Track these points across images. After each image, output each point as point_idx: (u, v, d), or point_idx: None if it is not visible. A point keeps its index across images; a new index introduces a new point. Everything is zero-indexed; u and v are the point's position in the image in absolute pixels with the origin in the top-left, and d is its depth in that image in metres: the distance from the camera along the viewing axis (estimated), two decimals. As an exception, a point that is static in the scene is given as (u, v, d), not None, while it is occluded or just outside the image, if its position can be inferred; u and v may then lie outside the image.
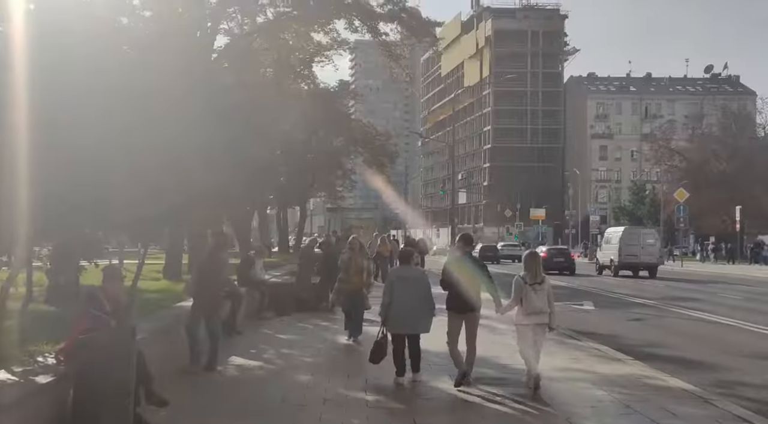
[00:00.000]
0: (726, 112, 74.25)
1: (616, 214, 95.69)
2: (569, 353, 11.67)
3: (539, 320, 8.82)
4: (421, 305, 8.84)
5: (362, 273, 12.20)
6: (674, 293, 26.36)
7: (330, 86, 48.39)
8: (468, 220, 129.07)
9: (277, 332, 13.03)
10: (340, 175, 52.34)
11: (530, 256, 9.17)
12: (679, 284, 31.23)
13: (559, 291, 27.03)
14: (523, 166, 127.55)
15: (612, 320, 17.61)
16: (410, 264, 9.67)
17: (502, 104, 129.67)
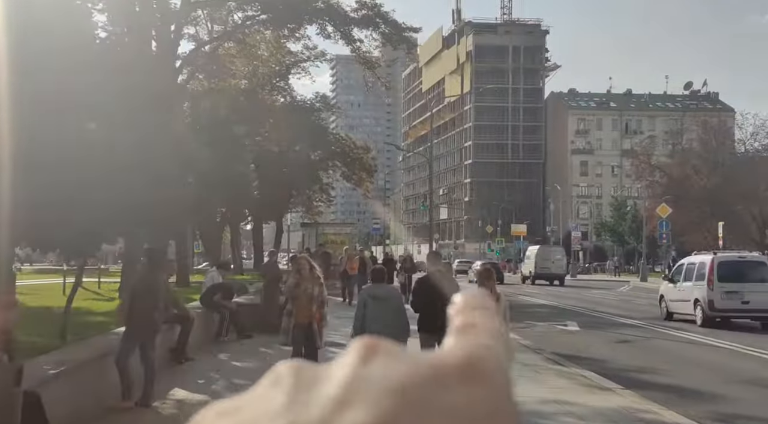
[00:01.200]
0: (706, 128, 73.96)
1: (597, 229, 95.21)
2: (554, 382, 10.58)
3: None
4: (395, 326, 8.27)
5: (313, 304, 9.10)
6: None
7: (307, 99, 47.35)
8: (449, 235, 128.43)
9: (234, 358, 11.83)
10: (317, 190, 51.28)
11: (484, 273, 8.90)
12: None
13: (542, 311, 26.15)
14: (504, 182, 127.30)
15: (598, 342, 16.56)
16: (383, 282, 9.20)
17: (482, 120, 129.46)
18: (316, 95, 47.18)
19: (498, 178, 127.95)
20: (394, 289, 10.02)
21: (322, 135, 47.89)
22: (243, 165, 35.20)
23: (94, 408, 7.74)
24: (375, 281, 9.25)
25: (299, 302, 9.06)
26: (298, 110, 45.68)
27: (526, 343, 15.13)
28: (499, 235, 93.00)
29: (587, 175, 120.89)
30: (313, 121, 47.80)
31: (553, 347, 15.25)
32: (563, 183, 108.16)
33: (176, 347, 11.08)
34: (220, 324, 13.75)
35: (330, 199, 54.68)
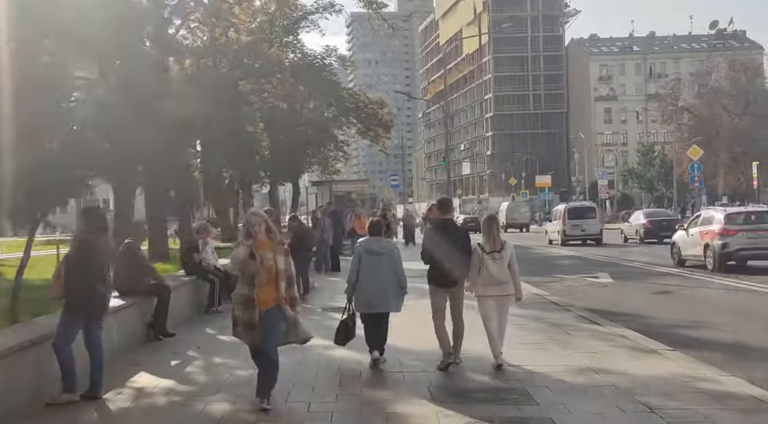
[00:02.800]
0: (734, 66, 71.01)
1: (624, 177, 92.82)
2: (589, 345, 9.07)
3: (500, 292, 7.98)
4: (391, 282, 8.03)
5: (277, 281, 6.30)
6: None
7: (317, 53, 45.48)
8: (473, 190, 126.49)
9: (222, 332, 10.39)
10: (333, 148, 49.71)
11: (487, 221, 8.25)
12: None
13: (569, 263, 24.56)
14: (527, 133, 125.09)
15: (635, 295, 15.00)
16: (380, 235, 8.50)
17: (502, 71, 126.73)
18: (327, 49, 45.21)
19: (520, 130, 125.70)
20: (391, 243, 8.82)
21: (335, 91, 46.10)
22: (251, 124, 33.66)
23: (28, 405, 6.38)
24: (372, 234, 8.48)
25: (259, 279, 6.20)
26: (309, 67, 43.92)
27: (554, 299, 13.62)
28: (523, 187, 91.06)
29: (611, 123, 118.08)
30: (325, 77, 46.00)
31: (585, 302, 13.74)
32: (587, 132, 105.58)
33: (153, 322, 9.71)
34: (211, 294, 12.36)
35: (346, 156, 53.08)
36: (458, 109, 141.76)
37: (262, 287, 6.25)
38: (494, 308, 7.99)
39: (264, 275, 6.21)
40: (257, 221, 6.34)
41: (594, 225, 34.31)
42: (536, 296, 14.07)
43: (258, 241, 6.27)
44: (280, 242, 6.46)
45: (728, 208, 21.87)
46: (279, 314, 6.34)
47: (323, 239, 19.02)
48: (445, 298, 8.08)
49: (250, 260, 6.21)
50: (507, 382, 7.26)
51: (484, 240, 8.00)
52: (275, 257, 6.28)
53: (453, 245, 7.99)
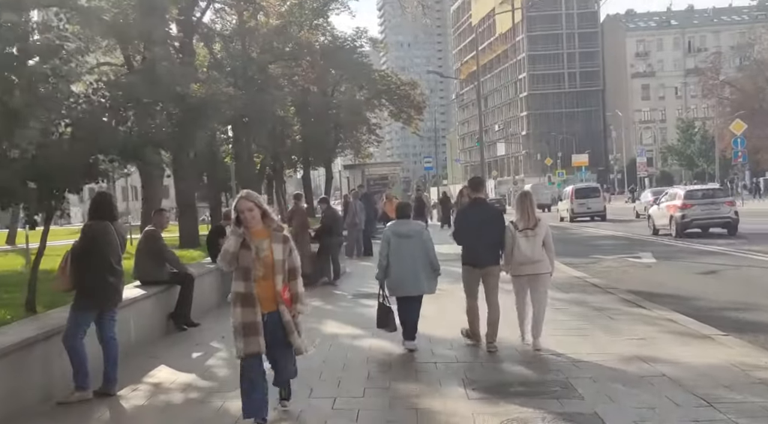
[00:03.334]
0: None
1: (663, 154, 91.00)
2: (635, 330, 8.49)
3: (534, 270, 7.68)
4: (423, 264, 7.77)
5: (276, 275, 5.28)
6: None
7: (347, 35, 44.90)
8: (508, 172, 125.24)
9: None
10: (365, 131, 49.24)
11: (520, 198, 7.93)
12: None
13: (609, 243, 23.80)
14: (563, 112, 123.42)
15: (680, 276, 14.31)
16: (408, 218, 8.25)
17: (536, 49, 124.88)
18: (357, 31, 44.60)
19: (555, 109, 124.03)
20: (420, 225, 8.34)
21: (366, 73, 45.58)
22: (282, 108, 33.30)
23: (38, 404, 6.05)
24: (400, 217, 8.20)
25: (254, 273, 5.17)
26: (339, 49, 43.43)
27: (595, 281, 13.01)
28: (559, 167, 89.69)
29: (649, 99, 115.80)
30: (356, 59, 45.47)
31: (627, 284, 13.12)
32: (624, 109, 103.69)
33: (176, 312, 9.36)
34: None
35: (378, 139, 52.55)
36: (492, 90, 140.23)
37: (259, 282, 5.18)
38: (527, 287, 7.78)
39: (261, 268, 5.17)
40: (248, 206, 5.17)
41: (598, 203, 37.42)
42: (576, 278, 13.48)
43: (251, 229, 5.20)
44: (278, 228, 5.35)
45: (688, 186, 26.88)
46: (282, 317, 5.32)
47: (354, 223, 18.63)
48: (477, 279, 7.85)
49: (243, 251, 5.15)
50: (547, 373, 6.74)
51: (517, 217, 7.73)
52: (271, 245, 5.22)
53: (486, 224, 7.78)
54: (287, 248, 5.34)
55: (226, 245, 5.21)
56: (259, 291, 5.18)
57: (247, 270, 5.16)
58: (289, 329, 5.30)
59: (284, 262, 5.28)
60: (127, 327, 7.65)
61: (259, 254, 5.17)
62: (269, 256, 5.19)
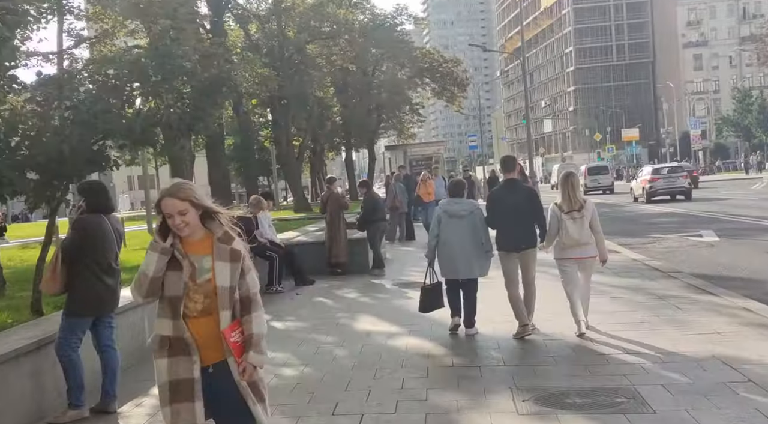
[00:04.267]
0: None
1: (718, 126, 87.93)
2: (707, 322, 7.49)
3: (582, 254, 7.40)
4: (474, 245, 7.50)
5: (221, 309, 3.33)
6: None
7: (387, 13, 43.83)
8: (555, 148, 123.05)
9: (275, 317, 9.29)
10: (407, 111, 48.27)
11: (564, 178, 7.54)
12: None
13: (667, 220, 22.48)
14: (611, 86, 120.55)
15: (748, 255, 13.12)
16: (461, 196, 7.92)
17: (583, 22, 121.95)
18: (397, 8, 43.47)
19: (604, 83, 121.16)
20: (473, 203, 7.96)
21: (407, 51, 44.52)
22: (321, 89, 32.52)
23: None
24: (452, 195, 7.91)
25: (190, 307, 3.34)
26: (379, 27, 42.44)
27: (656, 264, 11.93)
28: (608, 142, 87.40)
29: (702, 70, 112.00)
30: (397, 37, 44.42)
31: (691, 266, 12.03)
32: (675, 81, 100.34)
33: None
34: (270, 272, 11.27)
35: (421, 119, 51.52)
36: (537, 65, 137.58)
37: (196, 320, 3.33)
38: (575, 271, 7.47)
39: (199, 299, 3.33)
40: (177, 207, 3.29)
41: (607, 179, 45.07)
42: (634, 261, 12.41)
43: (185, 240, 3.37)
44: (225, 238, 3.39)
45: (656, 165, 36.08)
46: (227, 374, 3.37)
47: (395, 206, 17.79)
48: (516, 264, 7.51)
49: (170, 274, 3.33)
50: (611, 378, 5.81)
51: (561, 199, 7.42)
52: (214, 264, 3.35)
53: (520, 205, 7.43)
54: (238, 268, 3.41)
55: (142, 266, 3.34)
56: (196, 333, 3.32)
57: (175, 302, 3.32)
58: (245, 392, 3.38)
59: (233, 289, 3.38)
60: (129, 334, 6.88)
61: (195, 278, 3.32)
62: (211, 280, 3.33)
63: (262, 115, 32.80)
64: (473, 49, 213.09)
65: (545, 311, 7.95)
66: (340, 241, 12.97)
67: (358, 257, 13.27)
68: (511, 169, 7.85)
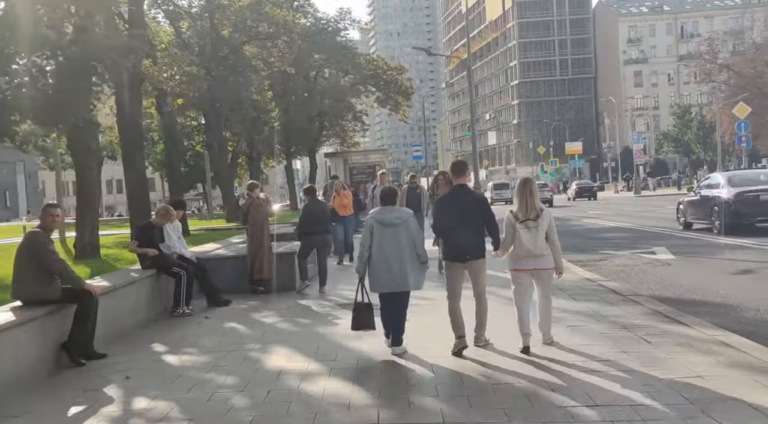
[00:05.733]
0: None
1: (659, 141, 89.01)
2: (683, 361, 6.28)
3: (537, 265, 7.00)
4: (409, 255, 6.98)
5: None
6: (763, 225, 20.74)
7: (330, 17, 42.52)
8: (499, 161, 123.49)
9: (174, 348, 7.77)
10: (350, 119, 46.93)
11: (522, 184, 7.16)
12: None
13: (615, 235, 21.55)
14: (554, 100, 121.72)
15: (708, 276, 12.09)
16: (393, 204, 7.36)
17: (527, 36, 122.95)
18: (341, 12, 42.20)
19: (547, 97, 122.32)
20: (406, 212, 7.35)
21: (351, 57, 43.27)
22: (258, 92, 30.91)
23: None
24: (385, 203, 7.32)
25: None
26: (322, 31, 41.10)
27: (613, 285, 10.78)
28: (552, 155, 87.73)
29: (642, 86, 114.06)
30: (340, 42, 43.16)
31: (651, 288, 10.95)
32: (617, 96, 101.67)
33: (71, 341, 7.06)
34: (176, 291, 9.72)
35: (365, 127, 50.24)
36: (483, 78, 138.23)
37: None
38: (530, 283, 7.06)
39: None
40: None
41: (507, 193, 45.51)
42: (589, 281, 11.25)
43: None
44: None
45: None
46: None
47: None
48: (462, 274, 7.10)
49: None
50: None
51: (517, 206, 6.99)
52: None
53: (468, 212, 6.97)
54: None
55: None
56: None
57: None
58: None
59: None
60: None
61: None
62: None
63: (195, 118, 31.04)
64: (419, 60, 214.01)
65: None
66: (264, 255, 11.49)
67: (284, 274, 11.80)
68: (462, 174, 7.37)
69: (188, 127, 33.05)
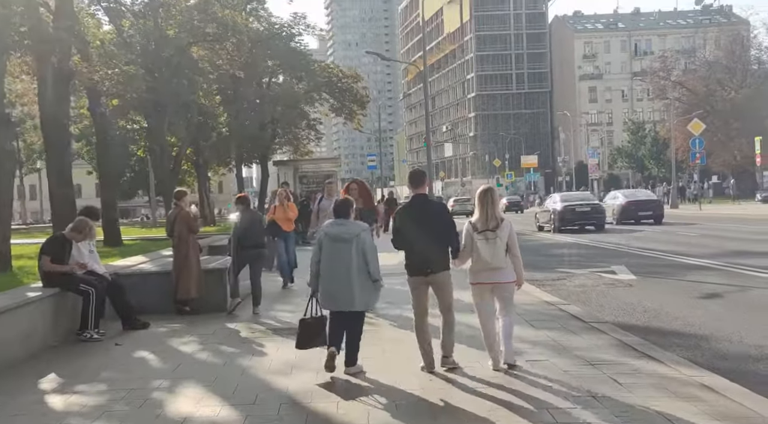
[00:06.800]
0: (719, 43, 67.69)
1: (613, 156, 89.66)
2: (659, 404, 5.37)
3: (495, 278, 6.62)
4: (359, 273, 6.48)
5: None
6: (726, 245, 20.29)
7: (284, 21, 41.36)
8: (455, 173, 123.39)
9: (64, 384, 6.62)
10: (304, 126, 45.74)
11: (483, 193, 6.82)
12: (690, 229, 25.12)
13: (572, 252, 20.72)
14: (511, 114, 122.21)
15: (672, 300, 11.28)
16: (347, 217, 6.87)
17: (484, 49, 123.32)
18: (295, 17, 41.10)
19: (503, 111, 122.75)
20: (359, 225, 6.85)
21: (305, 63, 42.11)
22: (206, 96, 29.60)
23: None
24: (338, 215, 6.88)
25: None
26: (274, 36, 39.95)
27: (574, 310, 9.88)
28: (507, 168, 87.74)
29: (596, 102, 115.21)
30: (294, 47, 42.01)
31: (614, 313, 10.13)
32: (571, 111, 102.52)
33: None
34: (85, 312, 8.53)
35: (318, 135, 49.11)
36: (440, 90, 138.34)
37: None
38: (491, 297, 6.73)
39: None
40: None
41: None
42: (548, 304, 10.34)
43: None
44: None
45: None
46: None
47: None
48: (426, 289, 6.73)
49: None
50: None
51: (477, 216, 6.72)
52: None
53: (430, 223, 6.64)
54: None
55: None
56: None
57: None
58: None
59: None
60: None
61: None
62: None
63: (137, 121, 29.53)
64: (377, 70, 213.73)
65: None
66: (190, 272, 10.33)
67: (214, 292, 10.67)
68: (421, 184, 6.96)
69: (130, 131, 31.52)
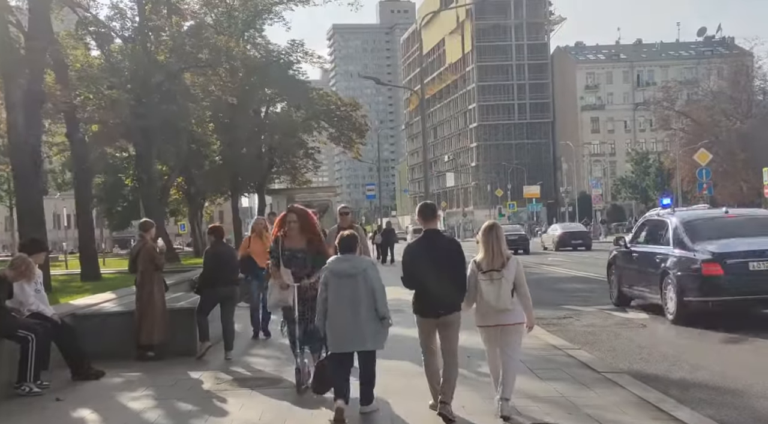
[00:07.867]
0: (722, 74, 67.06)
1: (617, 187, 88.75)
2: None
3: (502, 320, 6.20)
4: (368, 310, 6.19)
5: None
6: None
7: (282, 48, 40.67)
8: (457, 203, 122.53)
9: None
10: (302, 156, 44.88)
11: (488, 229, 6.36)
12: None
13: (578, 287, 19.45)
14: (512, 144, 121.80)
15: (694, 344, 10.18)
16: (352, 252, 6.44)
17: (486, 80, 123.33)
18: (292, 44, 40.41)
19: (505, 141, 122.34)
20: (365, 261, 6.57)
21: (303, 92, 41.32)
22: (198, 124, 28.71)
23: None
24: (342, 251, 6.46)
25: None
26: (271, 64, 39.23)
27: (584, 357, 8.74)
28: (509, 199, 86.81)
29: (599, 132, 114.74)
30: (292, 76, 41.28)
31: (628, 359, 9.04)
32: (574, 142, 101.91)
33: None
34: (23, 360, 7.44)
35: (316, 164, 48.23)
36: (442, 120, 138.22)
37: None
38: (496, 340, 6.33)
39: None
40: None
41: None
42: (555, 350, 9.23)
43: None
44: None
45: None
46: None
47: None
48: (434, 330, 6.40)
49: None
50: None
51: (482, 254, 6.29)
52: None
53: (441, 262, 6.26)
54: None
55: None
56: None
57: None
58: None
59: None
60: None
61: None
62: None
63: (125, 148, 28.65)
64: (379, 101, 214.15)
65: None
66: (155, 313, 9.25)
67: (182, 335, 9.58)
68: (432, 218, 6.64)
69: (119, 159, 30.61)
